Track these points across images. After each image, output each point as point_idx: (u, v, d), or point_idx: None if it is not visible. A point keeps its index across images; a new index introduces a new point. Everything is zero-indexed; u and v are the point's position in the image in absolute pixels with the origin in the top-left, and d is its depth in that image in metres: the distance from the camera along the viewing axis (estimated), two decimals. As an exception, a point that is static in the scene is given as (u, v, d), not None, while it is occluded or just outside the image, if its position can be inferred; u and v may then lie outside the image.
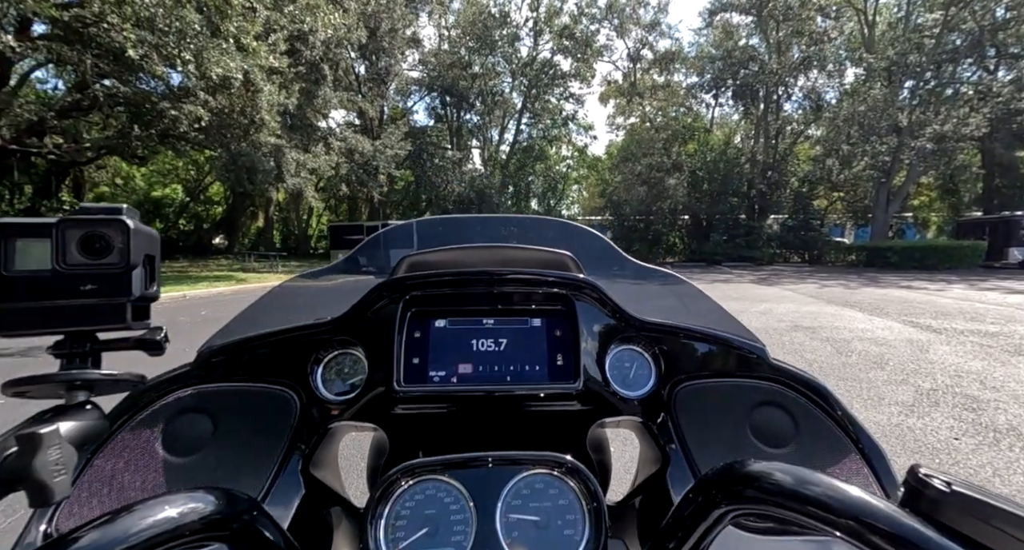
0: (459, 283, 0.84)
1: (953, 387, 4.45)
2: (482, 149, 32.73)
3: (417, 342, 0.79)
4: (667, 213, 31.45)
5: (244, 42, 9.77)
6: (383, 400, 0.77)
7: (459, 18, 27.63)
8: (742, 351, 0.87)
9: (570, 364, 0.78)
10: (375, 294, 0.83)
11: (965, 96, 25.03)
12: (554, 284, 0.85)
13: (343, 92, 19.00)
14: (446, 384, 0.76)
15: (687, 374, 0.86)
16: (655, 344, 0.87)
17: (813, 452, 0.74)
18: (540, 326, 0.82)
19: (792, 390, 0.82)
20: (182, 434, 0.75)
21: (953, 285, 14.59)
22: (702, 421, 0.80)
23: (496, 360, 0.78)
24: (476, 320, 0.82)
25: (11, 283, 0.43)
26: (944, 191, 34.62)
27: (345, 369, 0.83)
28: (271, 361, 0.84)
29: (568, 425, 0.82)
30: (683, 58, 33.02)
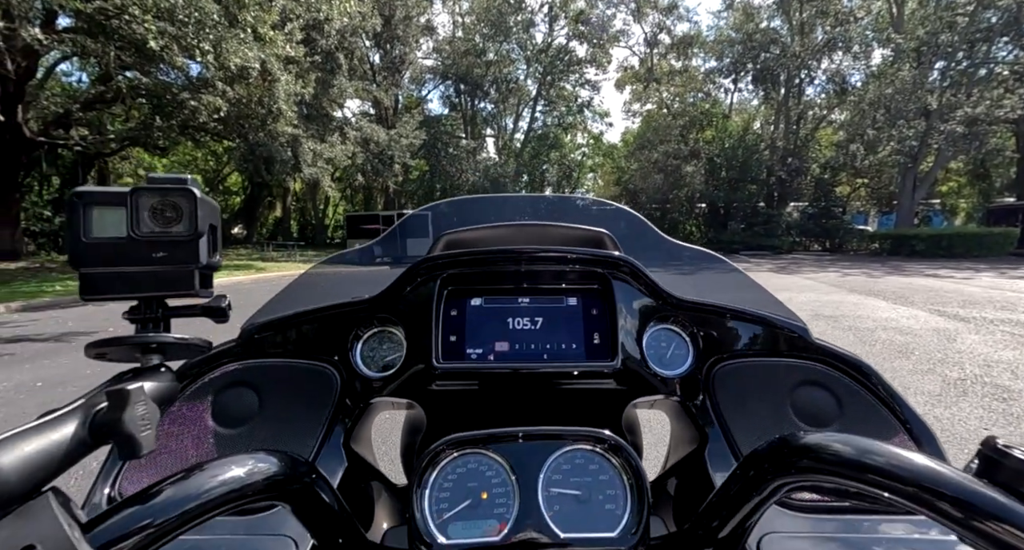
0: (494, 262, 0.84)
1: (982, 377, 4.34)
2: (496, 137, 32.54)
3: (454, 320, 0.79)
4: (684, 201, 31.00)
5: (261, 32, 9.83)
6: (422, 377, 0.77)
7: (473, 5, 27.28)
8: (783, 330, 0.85)
9: (607, 342, 0.77)
10: (412, 273, 0.84)
11: (1000, 76, 24.00)
12: (590, 262, 0.84)
13: (358, 81, 19.01)
14: (483, 361, 0.76)
15: (726, 353, 0.84)
16: (693, 323, 0.85)
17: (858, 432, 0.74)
18: (576, 305, 0.81)
19: (835, 370, 0.80)
20: (230, 406, 0.77)
21: (982, 273, 14.15)
22: (741, 401, 0.78)
23: (532, 338, 0.78)
24: (511, 299, 0.82)
25: (90, 249, 0.45)
26: (974, 176, 33.42)
27: (384, 346, 0.85)
28: (312, 338, 0.86)
29: (604, 404, 0.82)
30: (701, 42, 32.22)
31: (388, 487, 0.88)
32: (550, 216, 1.65)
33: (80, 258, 0.45)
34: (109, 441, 0.35)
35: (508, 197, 2.08)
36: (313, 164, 15.80)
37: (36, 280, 10.99)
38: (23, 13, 8.07)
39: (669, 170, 29.48)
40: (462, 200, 1.91)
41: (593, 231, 1.03)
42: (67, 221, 0.46)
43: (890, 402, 0.76)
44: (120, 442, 0.35)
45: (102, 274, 0.46)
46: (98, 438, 0.35)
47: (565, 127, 32.35)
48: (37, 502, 0.30)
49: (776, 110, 32.78)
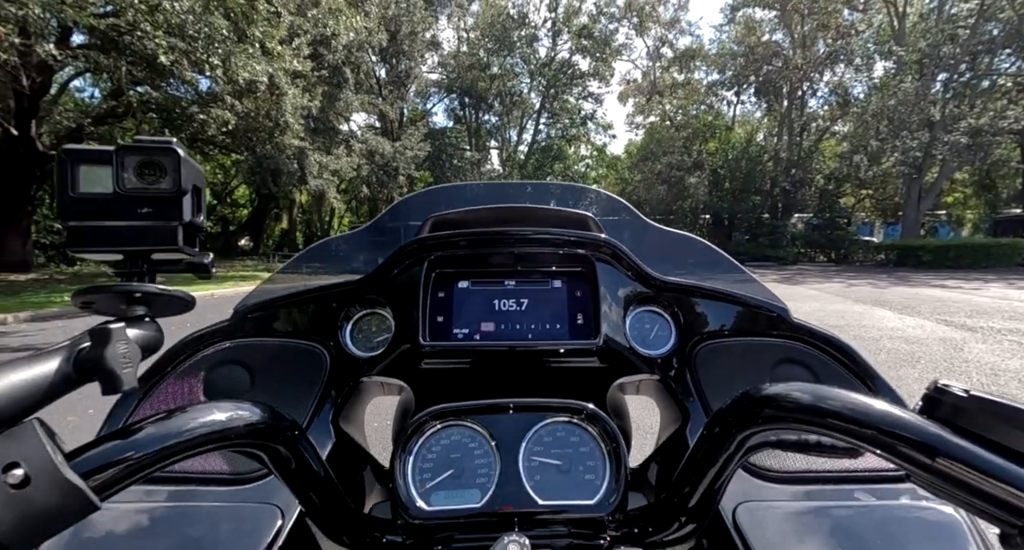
0: (480, 243, 0.86)
1: (989, 385, 4.29)
2: (500, 149, 32.84)
3: (441, 302, 0.81)
4: (688, 212, 31.02)
5: (269, 46, 10.05)
6: (409, 356, 0.79)
7: (478, 20, 27.79)
8: (763, 310, 0.87)
9: (590, 322, 0.79)
10: (400, 254, 0.86)
11: (1003, 88, 24.04)
12: (575, 244, 0.85)
13: (364, 95, 19.31)
14: (470, 341, 0.78)
15: (707, 333, 0.86)
16: (675, 304, 0.87)
17: None
18: (561, 286, 0.83)
19: (813, 347, 0.82)
20: (222, 384, 0.79)
21: (990, 284, 14.01)
22: (722, 379, 0.80)
23: (517, 319, 0.80)
24: (498, 282, 0.84)
25: (77, 203, 0.46)
26: (980, 187, 33.29)
27: (373, 327, 0.87)
28: (302, 318, 0.88)
29: (588, 383, 0.84)
30: (704, 55, 32.53)
31: (376, 467, 0.90)
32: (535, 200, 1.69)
33: (67, 212, 0.46)
34: (93, 378, 0.36)
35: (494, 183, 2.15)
36: (319, 176, 15.99)
37: (45, 291, 11.11)
38: (39, 30, 8.31)
39: (673, 181, 29.56)
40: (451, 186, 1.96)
41: (577, 213, 1.03)
42: (56, 176, 0.47)
43: (867, 380, 0.77)
44: (102, 378, 0.36)
45: (88, 228, 0.47)
46: (82, 374, 0.36)
47: (568, 139, 32.62)
48: (22, 427, 0.31)
49: (779, 122, 32.92)
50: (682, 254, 1.29)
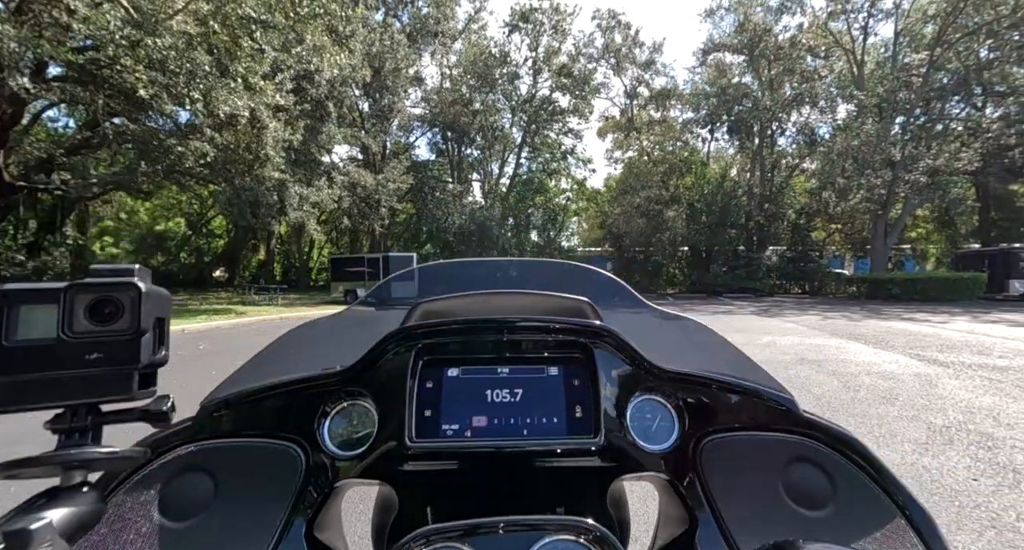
0: (473, 331, 0.82)
1: (966, 424, 4.32)
2: (482, 182, 33.31)
3: (429, 392, 0.76)
4: (666, 244, 31.63)
5: (252, 81, 10.10)
6: (393, 455, 0.72)
7: (460, 58, 28.69)
8: (770, 402, 0.82)
9: (589, 416, 0.75)
10: (386, 342, 0.80)
11: (955, 132, 25.62)
12: (571, 331, 0.82)
13: (347, 128, 19.47)
14: (460, 438, 0.72)
15: (713, 427, 0.81)
16: (678, 395, 0.82)
17: (853, 515, 0.69)
18: (557, 375, 0.79)
19: (825, 445, 0.77)
20: (182, 496, 0.69)
21: (956, 317, 14.47)
22: (731, 479, 0.75)
23: (512, 412, 0.75)
24: (490, 369, 0.79)
25: (11, 354, 0.40)
26: (941, 223, 34.91)
27: (354, 422, 0.79)
28: (277, 414, 0.80)
29: (588, 480, 0.78)
30: (678, 95, 34.03)
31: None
32: (528, 283, 1.67)
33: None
34: None
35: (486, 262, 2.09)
36: (299, 208, 15.86)
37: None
38: (12, 63, 8.17)
39: (651, 214, 30.24)
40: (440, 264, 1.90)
41: (573, 299, 1.01)
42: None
43: (882, 482, 0.73)
44: None
45: (25, 382, 0.41)
46: None
47: (549, 173, 33.31)
48: None
49: (751, 159, 34.30)
50: (681, 338, 1.25)
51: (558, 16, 28.57)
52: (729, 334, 5.71)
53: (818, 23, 28.39)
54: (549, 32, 29.25)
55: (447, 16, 25.60)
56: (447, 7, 25.37)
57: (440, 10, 24.72)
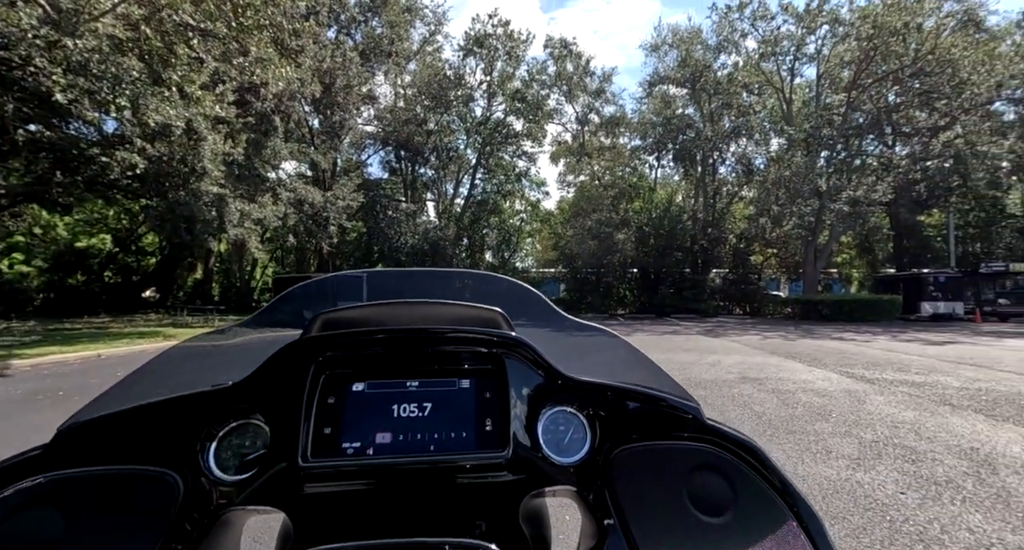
0: (378, 342, 0.78)
1: (892, 438, 4.54)
2: (437, 202, 33.14)
3: (330, 409, 0.70)
4: (617, 266, 32.47)
5: (189, 91, 9.52)
6: (284, 478, 0.65)
7: (415, 78, 28.74)
8: (677, 411, 0.83)
9: (499, 430, 0.73)
10: (282, 355, 0.73)
11: (871, 166, 28.17)
12: (482, 342, 0.81)
13: (295, 144, 18.77)
14: (361, 456, 0.66)
15: (623, 437, 0.80)
16: (590, 406, 0.82)
17: (751, 521, 0.71)
18: (469, 388, 0.77)
19: (728, 452, 0.78)
20: (22, 538, 0.58)
21: (878, 336, 15.57)
22: (639, 489, 0.74)
23: (419, 427, 0.72)
24: (399, 382, 0.76)
25: None
26: (862, 249, 38.02)
27: (246, 443, 0.71)
28: (151, 437, 0.70)
29: (499, 496, 0.74)
30: (627, 123, 35.58)
31: None
32: (440, 293, 1.60)
33: None
34: None
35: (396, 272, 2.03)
36: (240, 224, 15.01)
37: None
38: None
39: (602, 237, 31.05)
40: (346, 275, 1.80)
41: (486, 309, 0.99)
42: None
43: (779, 486, 0.75)
44: None
45: None
46: None
47: (504, 194, 33.62)
48: None
49: (695, 185, 36.16)
50: (597, 350, 1.25)
51: (512, 43, 29.37)
52: (678, 354, 5.84)
53: (751, 63, 30.74)
54: (503, 57, 29.96)
55: (401, 37, 25.68)
56: (402, 28, 25.47)
57: (394, 30, 24.76)
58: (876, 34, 24.02)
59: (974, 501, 3.19)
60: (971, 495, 3.28)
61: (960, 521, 2.91)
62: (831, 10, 26.94)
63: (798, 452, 4.20)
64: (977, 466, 3.82)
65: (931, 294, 24.80)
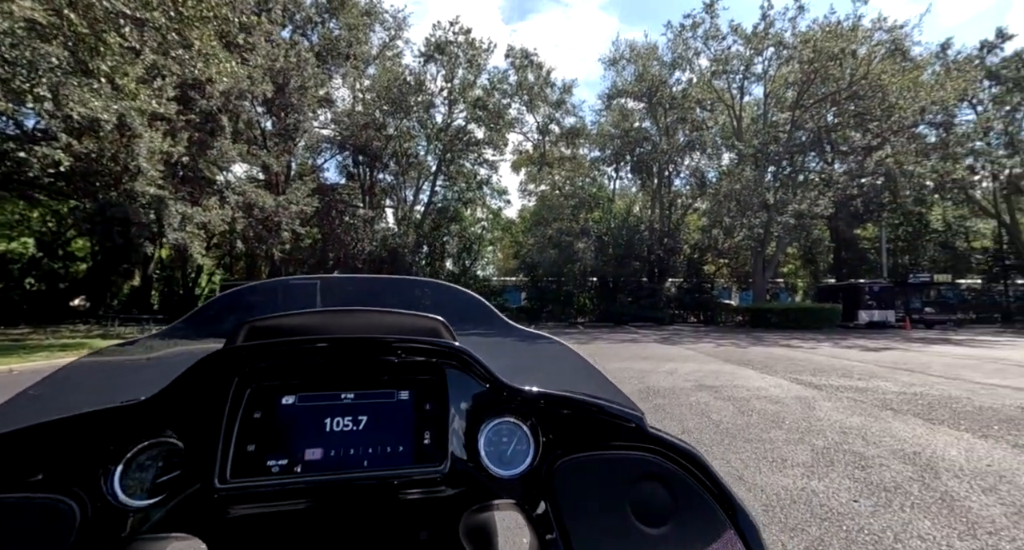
0: (309, 352, 0.74)
1: (842, 445, 4.63)
2: (396, 208, 32.47)
3: (256, 424, 0.66)
4: (577, 275, 32.83)
5: (121, 83, 8.76)
6: (198, 501, 0.61)
7: (374, 82, 28.16)
8: (620, 420, 0.81)
9: (437, 443, 0.71)
10: (201, 367, 0.68)
11: (814, 182, 29.88)
12: (422, 352, 0.78)
13: (244, 145, 17.80)
14: (287, 475, 0.63)
15: (567, 447, 0.78)
16: (534, 416, 0.79)
17: (691, 530, 0.71)
18: (408, 399, 0.74)
19: (670, 461, 0.78)
20: None
21: (822, 343, 16.33)
22: (581, 500, 0.73)
23: (353, 441, 0.69)
24: (333, 395, 0.72)
25: None
26: (805, 260, 40.19)
27: (159, 464, 0.66)
28: (45, 462, 0.64)
29: (438, 512, 0.71)
30: (587, 134, 36.27)
31: None
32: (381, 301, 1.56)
33: None
34: None
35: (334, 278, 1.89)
36: (181, 228, 14.02)
37: None
38: None
39: (563, 246, 31.35)
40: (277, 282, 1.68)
41: (426, 318, 0.96)
42: None
43: (719, 495, 0.75)
44: None
45: None
46: None
47: (465, 202, 33.38)
48: None
49: (652, 197, 37.21)
50: (542, 358, 1.24)
51: (473, 51, 29.37)
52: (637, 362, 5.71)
53: (704, 80, 32.08)
54: (464, 65, 29.89)
55: (360, 40, 25.11)
56: (360, 31, 24.89)
57: (352, 33, 24.15)
58: (816, 58, 25.61)
59: (922, 507, 3.24)
60: (919, 501, 3.34)
61: (911, 528, 2.94)
62: (776, 33, 28.56)
63: (755, 461, 4.20)
64: (921, 471, 3.92)
65: (867, 303, 26.43)
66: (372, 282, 1.85)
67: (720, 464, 4.11)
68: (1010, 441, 4.77)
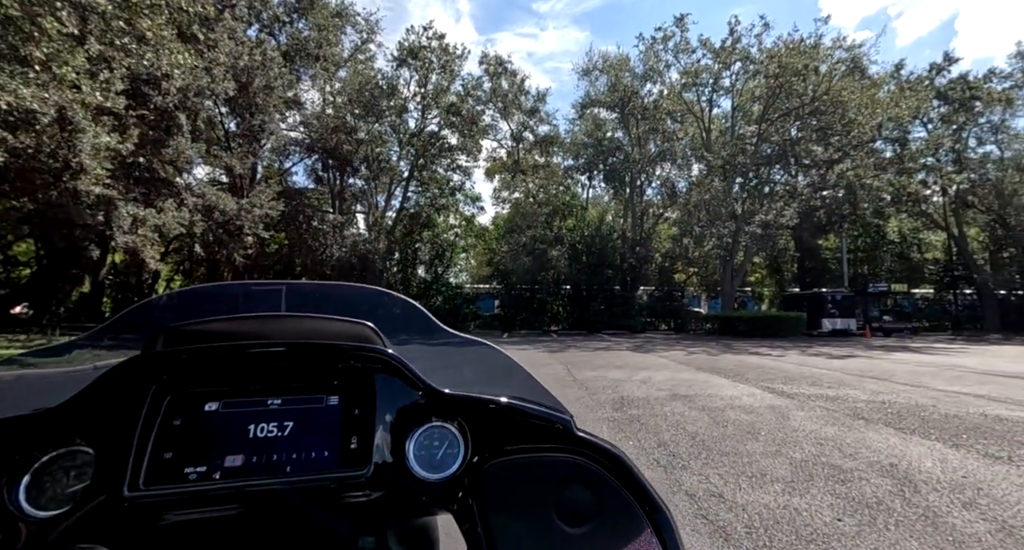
0: (235, 358, 0.73)
1: (819, 457, 4.51)
2: (367, 214, 31.73)
3: (174, 431, 0.66)
4: (551, 283, 32.76)
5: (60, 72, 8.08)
6: (110, 511, 0.60)
7: (345, 85, 27.53)
8: (549, 423, 0.83)
9: (363, 447, 0.71)
10: (116, 374, 0.67)
11: (779, 193, 30.78)
12: (351, 357, 0.78)
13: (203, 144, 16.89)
14: (204, 482, 0.63)
15: (495, 450, 0.80)
16: (463, 419, 0.80)
17: (611, 529, 0.72)
18: (337, 405, 0.74)
19: (595, 462, 0.79)
20: None
21: (789, 351, 16.60)
22: (508, 501, 0.74)
23: (277, 447, 0.68)
24: (259, 401, 0.71)
25: None
26: (771, 269, 41.32)
27: (70, 474, 0.64)
28: None
29: (365, 516, 0.72)
30: (560, 143, 36.46)
31: None
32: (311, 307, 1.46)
33: None
34: None
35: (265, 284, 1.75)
36: (132, 231, 13.16)
37: None
38: None
39: (537, 253, 31.26)
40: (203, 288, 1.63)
41: (357, 324, 0.94)
42: None
43: (640, 494, 0.76)
44: None
45: None
46: None
47: (438, 208, 32.89)
48: None
49: (624, 206, 37.61)
50: (475, 363, 1.23)
51: (447, 56, 29.14)
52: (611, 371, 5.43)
53: (675, 92, 32.73)
54: (438, 71, 29.59)
55: (330, 41, 24.50)
56: (330, 33, 24.28)
57: (322, 34, 23.53)
58: (781, 73, 26.47)
59: (906, 525, 3.11)
60: (902, 518, 3.21)
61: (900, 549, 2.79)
62: (743, 49, 29.44)
63: (734, 476, 4.03)
64: (900, 484, 3.81)
65: (830, 311, 27.24)
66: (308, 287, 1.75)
67: (698, 481, 3.92)
68: (980, 450, 4.76)
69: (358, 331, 0.93)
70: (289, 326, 0.92)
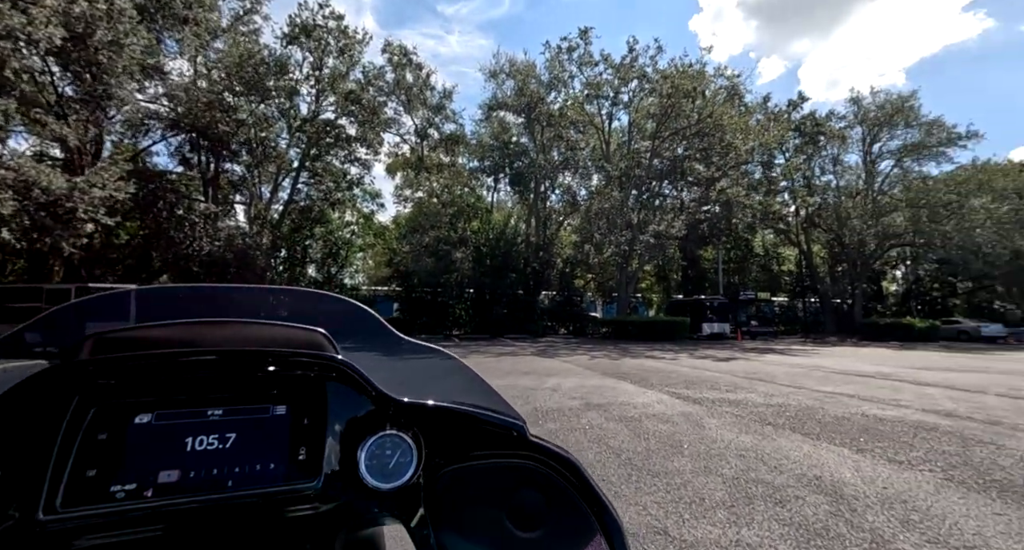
0: (171, 367, 0.68)
1: (748, 472, 4.25)
2: (248, 205, 28.10)
3: (99, 446, 0.61)
4: (454, 285, 31.84)
5: None
6: (20, 535, 0.55)
7: (223, 57, 24.04)
8: (502, 428, 0.82)
9: (313, 458, 0.68)
10: (29, 386, 0.62)
11: (669, 206, 33.14)
12: (300, 365, 0.75)
13: (12, 100, 13.12)
14: (134, 500, 0.58)
15: (449, 457, 0.79)
16: (416, 427, 0.78)
17: (562, 534, 0.72)
18: (284, 415, 0.70)
19: (548, 468, 0.79)
20: None
21: (679, 354, 17.50)
22: (461, 509, 0.74)
23: (218, 461, 0.63)
24: (198, 411, 0.66)
25: None
26: (659, 277, 44.54)
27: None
28: None
29: (315, 530, 0.68)
30: (466, 143, 35.76)
31: None
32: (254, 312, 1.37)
33: None
34: None
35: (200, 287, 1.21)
36: None
37: None
38: None
39: (440, 255, 30.16)
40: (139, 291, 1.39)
41: (306, 330, 0.89)
42: None
43: (590, 498, 0.76)
44: None
45: None
46: None
47: (332, 202, 30.21)
48: None
49: (529, 210, 37.95)
50: (428, 370, 1.22)
51: (346, 39, 26.89)
52: (519, 378, 4.40)
53: (578, 102, 33.77)
54: (335, 54, 27.21)
55: (203, 3, 21.16)
56: (204, -7, 20.88)
57: (193, -7, 20.14)
58: (673, 93, 28.47)
59: (863, 556, 2.80)
60: (855, 545, 2.91)
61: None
62: (640, 67, 31.26)
63: (672, 502, 3.55)
64: (835, 502, 3.60)
65: (709, 317, 29.79)
66: (246, 292, 1.56)
67: (636, 512, 3.37)
68: (881, 455, 4.85)
69: (309, 337, 0.89)
70: (232, 332, 0.85)
